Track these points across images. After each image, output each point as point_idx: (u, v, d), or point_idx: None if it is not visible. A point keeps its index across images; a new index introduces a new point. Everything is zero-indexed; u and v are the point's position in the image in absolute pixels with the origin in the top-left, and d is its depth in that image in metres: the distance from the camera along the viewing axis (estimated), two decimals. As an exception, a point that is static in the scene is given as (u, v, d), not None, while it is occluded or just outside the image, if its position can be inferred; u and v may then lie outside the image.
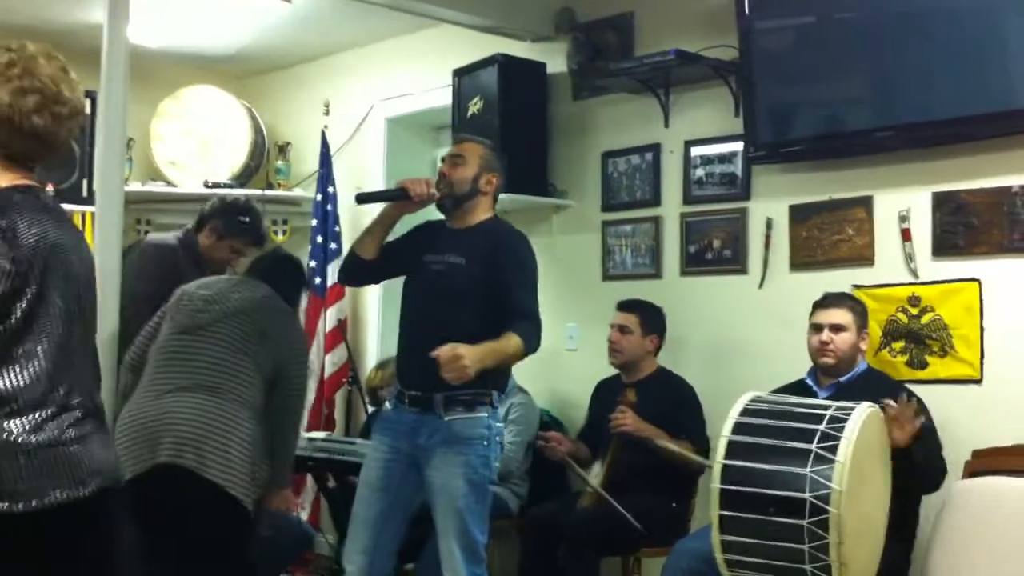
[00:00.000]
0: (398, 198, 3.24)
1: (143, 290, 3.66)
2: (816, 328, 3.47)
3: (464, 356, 2.86)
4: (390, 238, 3.38)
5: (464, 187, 3.23)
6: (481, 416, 3.11)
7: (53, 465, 1.87)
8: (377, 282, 3.75)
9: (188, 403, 3.09)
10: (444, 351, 2.88)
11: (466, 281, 3.12)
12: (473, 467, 3.08)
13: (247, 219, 3.94)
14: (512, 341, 3.01)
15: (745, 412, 2.92)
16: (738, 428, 2.88)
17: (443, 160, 3.35)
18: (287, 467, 3.45)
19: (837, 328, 3.43)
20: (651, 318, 4.08)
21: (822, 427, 2.78)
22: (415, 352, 3.15)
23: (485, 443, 3.11)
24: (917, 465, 3.08)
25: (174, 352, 3.22)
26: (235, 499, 3.06)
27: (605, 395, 4.12)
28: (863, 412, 2.83)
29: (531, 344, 3.07)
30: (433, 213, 3.39)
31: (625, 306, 4.12)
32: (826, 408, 2.87)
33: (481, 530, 3.13)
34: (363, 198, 3.39)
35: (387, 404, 3.31)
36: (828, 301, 3.52)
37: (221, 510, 3.07)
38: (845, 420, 2.79)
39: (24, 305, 1.86)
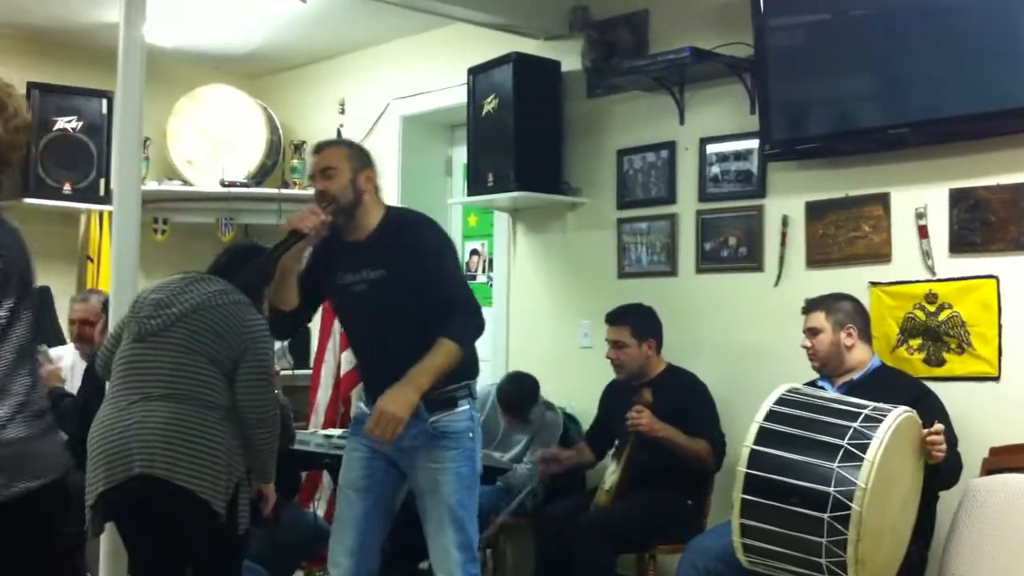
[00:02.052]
0: (295, 242, 3.08)
1: None
2: (804, 334, 3.52)
3: (387, 411, 2.87)
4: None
5: (347, 196, 3.08)
6: (464, 410, 3.09)
7: (22, 459, 2.10)
8: (308, 323, 3.66)
9: (154, 413, 3.05)
10: (370, 428, 2.92)
11: (394, 293, 3.01)
12: (460, 463, 3.05)
13: None
14: (443, 348, 2.94)
15: (780, 401, 2.93)
16: (771, 416, 2.89)
17: (312, 178, 3.19)
18: (264, 462, 3.33)
19: (813, 332, 3.48)
20: (642, 324, 4.03)
21: (856, 425, 2.78)
22: (377, 373, 3.13)
23: (470, 435, 3.08)
24: (941, 473, 3.09)
25: (132, 362, 3.16)
26: (205, 502, 3.02)
27: (616, 396, 4.12)
28: (899, 415, 2.82)
29: (466, 336, 3.00)
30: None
31: (613, 319, 4.07)
32: (863, 407, 2.86)
33: (474, 526, 3.10)
34: (271, 261, 3.14)
35: (362, 406, 3.26)
36: (806, 307, 3.55)
37: (193, 515, 3.05)
38: (880, 420, 2.79)
39: (5, 312, 2.08)
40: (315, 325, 5.55)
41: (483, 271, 5.55)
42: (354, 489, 3.15)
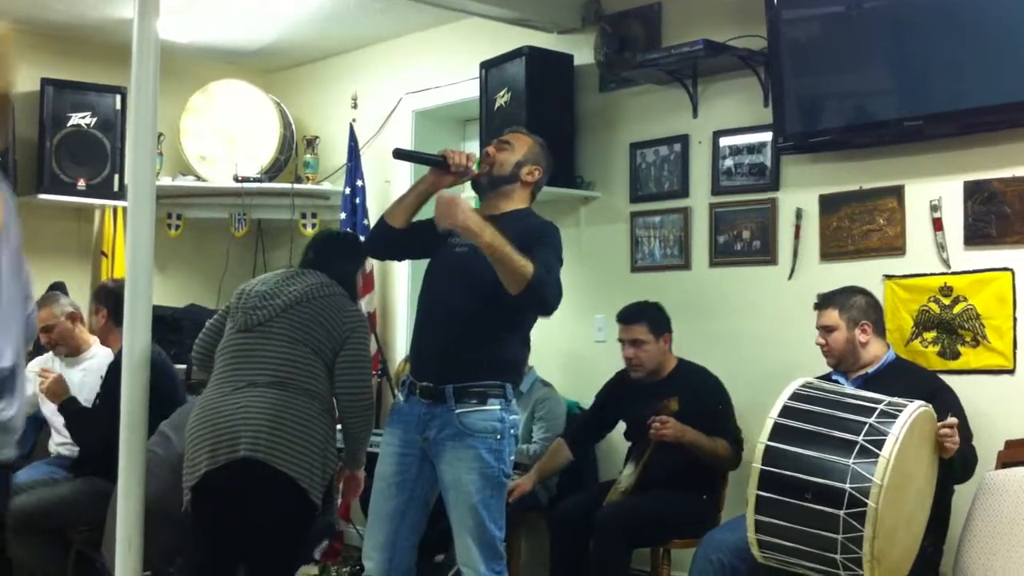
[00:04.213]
0: (435, 164, 3.11)
1: None
2: (817, 331, 3.49)
3: (463, 205, 2.82)
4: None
5: (505, 169, 3.14)
6: (493, 409, 3.01)
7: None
8: (402, 258, 3.70)
9: (261, 398, 3.15)
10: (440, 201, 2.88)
11: (488, 262, 2.92)
12: (486, 461, 2.98)
13: None
14: (520, 257, 2.82)
15: (795, 396, 2.91)
16: (785, 411, 2.87)
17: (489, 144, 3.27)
18: (357, 447, 3.43)
19: (827, 330, 3.45)
20: (657, 319, 3.98)
21: (871, 420, 2.77)
22: (430, 340, 3.11)
23: (498, 436, 3.01)
24: (954, 467, 3.08)
25: (239, 350, 3.28)
26: (304, 491, 3.11)
27: (624, 394, 4.06)
28: (914, 410, 2.81)
29: (542, 280, 2.85)
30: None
31: (628, 318, 4.00)
32: (878, 402, 2.84)
33: (499, 525, 3.03)
34: (400, 154, 3.21)
35: (399, 396, 3.25)
36: (818, 303, 3.52)
37: (290, 501, 3.13)
38: (896, 416, 2.77)
39: None
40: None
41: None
42: (387, 483, 3.13)
